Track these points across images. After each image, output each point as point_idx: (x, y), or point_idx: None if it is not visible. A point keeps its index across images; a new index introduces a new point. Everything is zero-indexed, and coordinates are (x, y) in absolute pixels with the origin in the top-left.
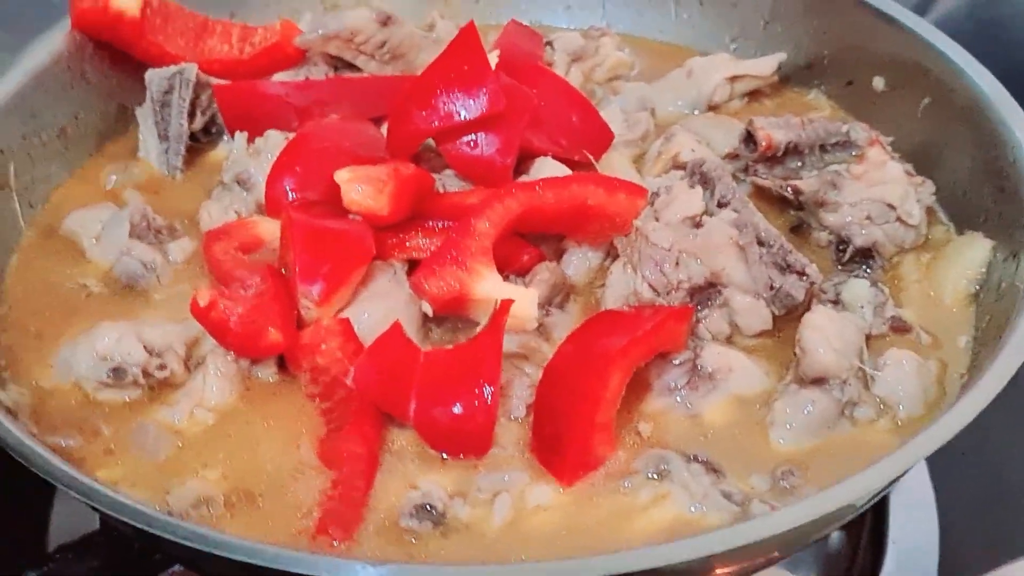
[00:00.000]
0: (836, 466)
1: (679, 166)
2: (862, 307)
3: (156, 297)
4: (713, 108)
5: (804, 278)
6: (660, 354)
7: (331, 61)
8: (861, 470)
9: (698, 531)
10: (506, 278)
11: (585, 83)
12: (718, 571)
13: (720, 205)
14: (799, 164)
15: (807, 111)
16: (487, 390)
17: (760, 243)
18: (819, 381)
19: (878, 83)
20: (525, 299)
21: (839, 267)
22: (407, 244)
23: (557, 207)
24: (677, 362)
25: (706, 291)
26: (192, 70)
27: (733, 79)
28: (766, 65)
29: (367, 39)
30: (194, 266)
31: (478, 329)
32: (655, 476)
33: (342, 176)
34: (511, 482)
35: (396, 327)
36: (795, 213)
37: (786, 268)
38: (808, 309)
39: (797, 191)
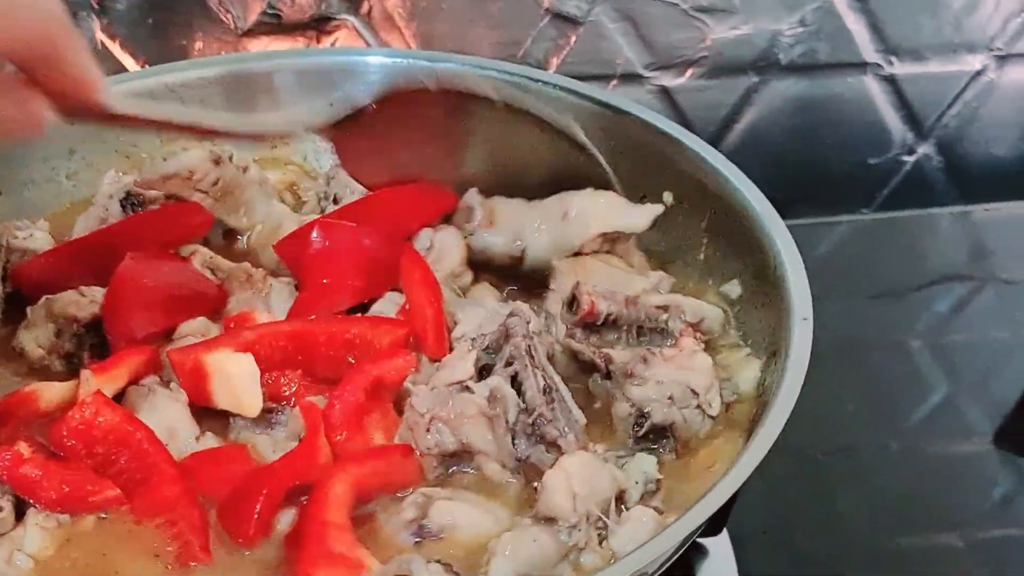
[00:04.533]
0: None
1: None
2: (636, 482)
3: None
4: (577, 254)
5: (555, 450)
6: (394, 503)
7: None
8: None
9: None
10: None
11: None
12: None
13: (507, 364)
14: (615, 337)
15: None
16: None
17: (524, 410)
18: (550, 521)
19: (667, 198)
20: None
21: (631, 441)
22: None
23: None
24: (408, 518)
25: (459, 456)
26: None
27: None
28: (642, 221)
29: (203, 176)
30: None
31: None
32: None
33: None
34: None
35: None
36: (601, 382)
37: (540, 439)
38: None
39: (608, 360)
